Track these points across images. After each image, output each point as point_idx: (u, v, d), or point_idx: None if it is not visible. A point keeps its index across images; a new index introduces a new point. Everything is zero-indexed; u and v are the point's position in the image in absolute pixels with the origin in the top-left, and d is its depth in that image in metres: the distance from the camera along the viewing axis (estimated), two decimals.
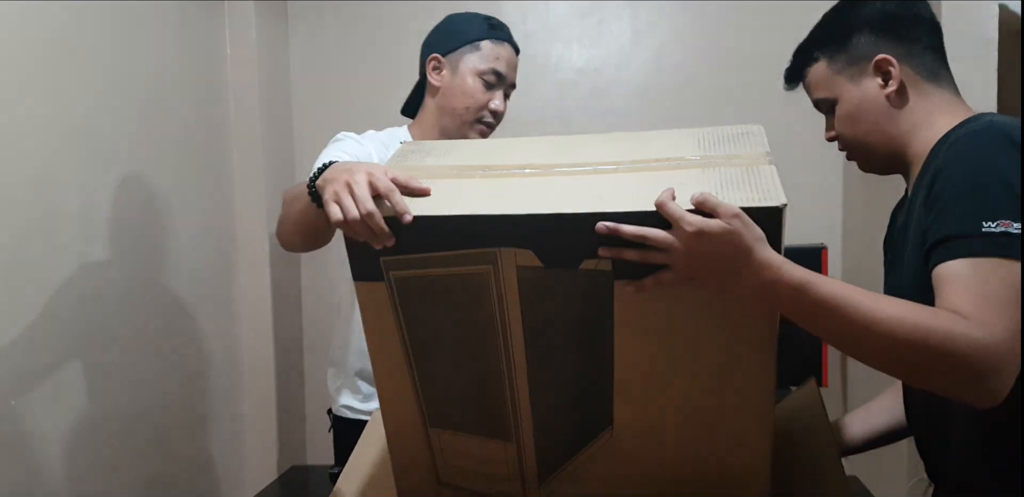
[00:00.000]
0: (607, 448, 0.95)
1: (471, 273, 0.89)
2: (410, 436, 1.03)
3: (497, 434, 0.98)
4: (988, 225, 0.83)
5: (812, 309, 0.82)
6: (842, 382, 2.36)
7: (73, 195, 1.64)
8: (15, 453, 1.45)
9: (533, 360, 0.93)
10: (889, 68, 1.00)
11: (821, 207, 2.37)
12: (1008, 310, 0.80)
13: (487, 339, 0.93)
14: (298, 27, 2.55)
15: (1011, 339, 0.80)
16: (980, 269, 0.83)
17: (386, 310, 0.94)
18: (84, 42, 1.70)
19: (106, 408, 1.72)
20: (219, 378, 2.25)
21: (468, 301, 0.91)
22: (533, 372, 0.93)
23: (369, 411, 1.43)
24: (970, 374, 0.80)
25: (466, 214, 0.86)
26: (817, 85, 1.07)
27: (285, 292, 2.47)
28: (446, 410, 1.00)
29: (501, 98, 1.44)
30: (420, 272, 0.91)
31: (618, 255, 0.82)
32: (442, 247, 0.88)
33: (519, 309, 0.90)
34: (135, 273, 1.85)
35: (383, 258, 0.91)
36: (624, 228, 0.80)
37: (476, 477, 1.03)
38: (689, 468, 0.95)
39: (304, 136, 2.57)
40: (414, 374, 0.98)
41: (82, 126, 1.68)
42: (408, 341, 0.96)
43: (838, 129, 1.06)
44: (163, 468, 1.95)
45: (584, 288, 0.86)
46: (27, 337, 1.49)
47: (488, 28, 1.44)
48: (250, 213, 2.35)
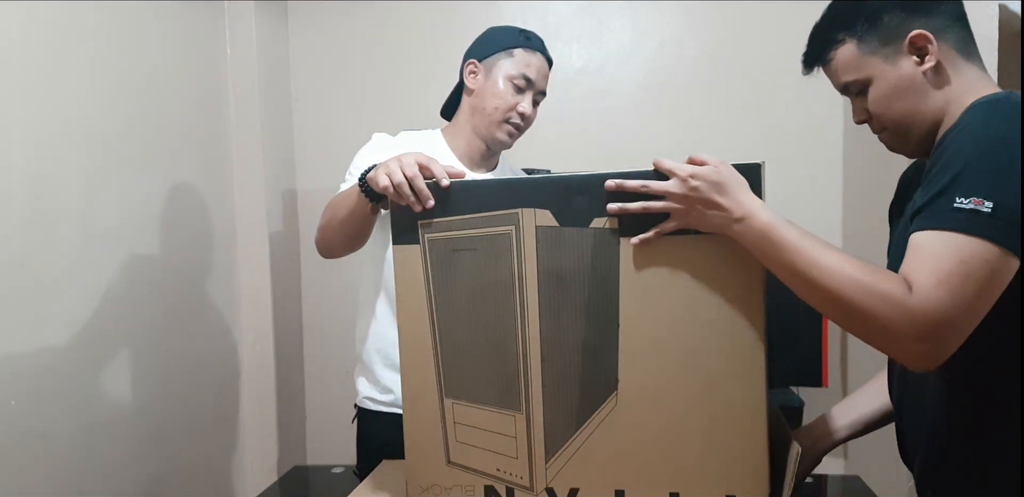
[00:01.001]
0: (612, 418, 1.02)
1: (496, 234, 1.02)
2: (426, 407, 1.09)
3: (508, 405, 1.05)
4: (960, 201, 0.84)
5: (771, 249, 0.92)
6: (842, 382, 2.36)
7: (73, 195, 1.64)
8: (15, 453, 1.45)
9: (545, 320, 1.02)
10: (926, 44, 0.98)
11: (821, 207, 2.37)
12: (954, 283, 0.82)
13: (505, 299, 1.04)
14: (298, 27, 2.55)
15: (947, 310, 0.82)
16: (939, 242, 0.85)
17: (418, 273, 1.07)
18: (84, 42, 1.70)
19: (106, 408, 1.72)
20: (219, 378, 2.25)
21: (490, 260, 1.04)
22: (545, 334, 1.03)
23: (387, 402, 1.48)
24: (894, 336, 0.85)
25: (494, 179, 1.05)
26: (846, 67, 1.03)
27: (285, 292, 2.47)
28: (462, 379, 1.07)
29: (530, 102, 1.53)
30: (451, 234, 1.05)
31: (624, 210, 0.97)
32: (472, 210, 1.03)
33: (535, 267, 1.02)
34: (135, 273, 1.85)
35: (420, 221, 1.05)
36: (628, 182, 0.96)
37: (485, 458, 1.07)
38: (691, 434, 0.99)
39: (304, 136, 2.57)
40: (436, 341, 1.07)
41: (82, 126, 1.68)
42: (434, 304, 1.07)
43: (874, 110, 1.03)
44: (163, 468, 1.95)
45: (594, 244, 1.00)
46: (27, 337, 1.50)
47: (523, 38, 1.55)
48: (250, 213, 2.35)
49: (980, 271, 0.83)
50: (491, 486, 1.07)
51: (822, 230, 2.32)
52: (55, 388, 1.57)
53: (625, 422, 1.01)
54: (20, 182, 1.50)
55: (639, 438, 1.01)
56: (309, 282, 2.59)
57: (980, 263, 0.83)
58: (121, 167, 1.81)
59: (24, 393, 1.48)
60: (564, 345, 1.02)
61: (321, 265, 2.58)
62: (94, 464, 1.67)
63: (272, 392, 2.37)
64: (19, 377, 1.47)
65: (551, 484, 1.04)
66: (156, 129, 1.96)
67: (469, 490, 1.08)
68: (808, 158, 2.33)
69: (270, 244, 2.36)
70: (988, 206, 0.83)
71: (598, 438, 1.02)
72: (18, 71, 1.50)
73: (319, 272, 2.58)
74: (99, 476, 1.69)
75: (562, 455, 1.04)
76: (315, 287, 2.59)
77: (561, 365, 1.03)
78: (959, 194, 0.84)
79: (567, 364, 1.02)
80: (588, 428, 1.03)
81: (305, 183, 2.57)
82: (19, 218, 1.49)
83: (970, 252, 0.83)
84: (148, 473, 1.88)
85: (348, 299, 2.57)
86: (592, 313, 1.01)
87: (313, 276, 2.59)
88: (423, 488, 1.10)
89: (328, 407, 2.57)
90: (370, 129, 1.65)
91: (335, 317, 2.57)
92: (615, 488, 1.03)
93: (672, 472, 1.00)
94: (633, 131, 2.41)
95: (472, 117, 1.55)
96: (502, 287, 1.03)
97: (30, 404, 1.49)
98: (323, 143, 2.56)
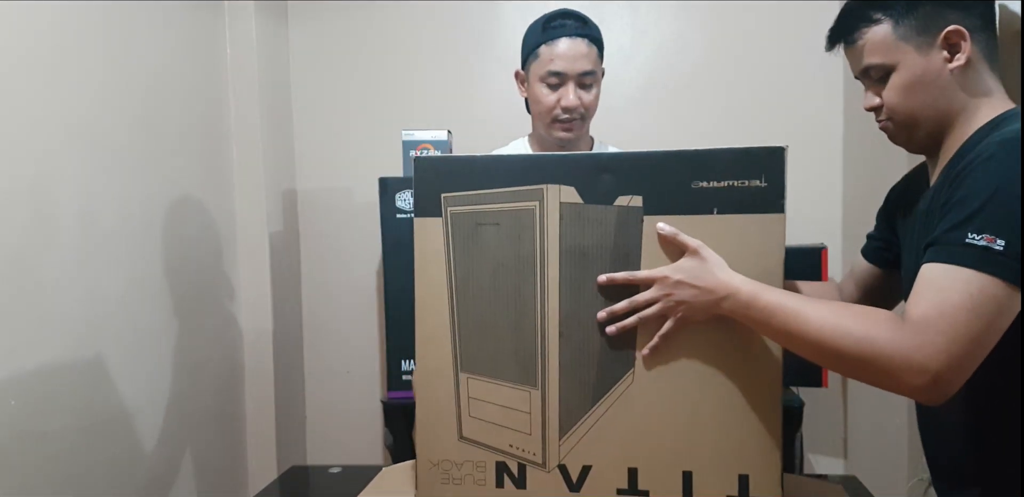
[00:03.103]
0: (628, 395, 1.02)
1: (520, 209, 1.03)
2: (440, 381, 1.08)
3: (524, 380, 1.05)
4: (972, 237, 0.84)
5: (761, 318, 0.93)
6: (842, 382, 2.36)
7: (73, 195, 1.64)
8: (15, 453, 1.45)
9: (565, 296, 1.03)
10: (960, 41, 0.96)
11: (821, 207, 2.38)
12: (957, 318, 0.82)
13: (525, 275, 1.04)
14: (298, 27, 2.55)
15: (947, 343, 0.82)
16: (946, 276, 0.85)
17: (439, 246, 1.06)
18: (84, 42, 1.70)
19: (106, 408, 1.72)
20: (219, 378, 2.25)
21: (513, 235, 1.04)
22: (564, 310, 1.03)
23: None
24: (887, 372, 0.85)
25: (519, 154, 1.05)
26: (874, 49, 1.00)
27: (285, 292, 2.47)
28: (478, 353, 1.07)
29: (572, 92, 1.49)
30: (475, 207, 1.05)
31: (622, 327, 1.00)
32: (497, 184, 1.03)
33: (558, 243, 1.02)
34: (135, 273, 1.85)
35: (444, 195, 1.05)
36: (617, 276, 1.00)
37: (497, 434, 1.07)
38: (705, 413, 1.00)
39: (304, 136, 2.57)
40: (454, 314, 1.07)
41: (82, 126, 1.68)
42: (454, 278, 1.07)
43: (889, 99, 1.01)
44: (163, 468, 1.95)
45: (617, 222, 1.00)
46: (27, 337, 1.50)
47: (542, 31, 1.50)
48: (250, 213, 2.35)
49: (986, 306, 0.83)
50: (503, 462, 1.07)
51: (822, 230, 2.35)
52: (55, 388, 1.56)
53: (641, 400, 1.01)
54: (20, 182, 1.49)
55: (654, 416, 1.01)
56: (309, 282, 2.59)
57: (987, 299, 0.83)
58: (121, 167, 1.81)
59: (24, 393, 1.48)
60: (583, 322, 1.02)
61: (321, 265, 2.59)
62: (94, 464, 1.67)
63: (272, 392, 2.37)
64: (19, 377, 1.47)
65: (564, 461, 1.04)
66: (156, 129, 1.96)
67: (480, 466, 1.07)
68: (808, 158, 2.32)
69: (270, 244, 2.36)
70: (1000, 244, 0.83)
71: (613, 415, 1.02)
72: (18, 71, 1.50)
73: (319, 272, 2.58)
74: (99, 476, 1.69)
75: (576, 432, 1.04)
76: (315, 287, 2.59)
77: (579, 341, 1.03)
78: (972, 230, 0.84)
79: (585, 341, 1.02)
80: (603, 405, 1.03)
81: (305, 183, 2.57)
82: (19, 218, 1.49)
83: (978, 287, 0.83)
84: (148, 473, 1.88)
85: (348, 299, 2.58)
86: (612, 290, 1.01)
87: (313, 276, 2.59)
88: (433, 463, 1.09)
89: (328, 407, 2.57)
90: (370, 129, 1.66)
91: (335, 317, 2.57)
92: (628, 466, 1.02)
93: (686, 451, 1.00)
94: (633, 131, 2.41)
95: (534, 123, 1.61)
96: (524, 262, 1.04)
97: (30, 404, 1.49)
98: (323, 143, 2.56)
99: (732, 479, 0.99)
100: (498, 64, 2.43)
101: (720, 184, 0.98)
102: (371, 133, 2.49)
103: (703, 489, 1.00)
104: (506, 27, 2.45)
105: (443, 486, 1.08)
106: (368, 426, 2.53)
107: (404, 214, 2.02)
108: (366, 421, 2.53)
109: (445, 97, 2.46)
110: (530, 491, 1.05)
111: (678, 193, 0.99)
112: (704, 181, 0.98)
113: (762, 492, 0.98)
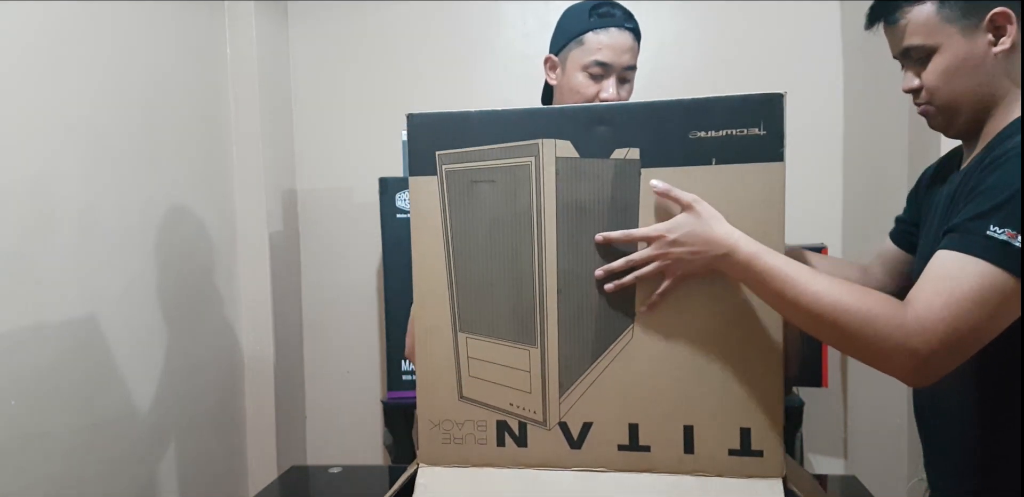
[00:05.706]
0: (628, 351, 1.01)
1: (515, 165, 1.01)
2: (439, 342, 1.07)
3: (523, 339, 1.04)
4: (994, 230, 0.83)
5: (758, 279, 0.91)
6: (842, 382, 2.36)
7: (73, 195, 1.64)
8: (15, 453, 1.45)
9: (563, 252, 1.01)
10: (1006, 24, 0.93)
11: (821, 207, 2.37)
12: (962, 308, 0.82)
13: (523, 231, 1.02)
14: (298, 27, 2.55)
15: (944, 332, 0.82)
16: (959, 265, 0.84)
17: (434, 205, 1.04)
18: (84, 42, 1.70)
19: (106, 408, 1.72)
20: (219, 378, 2.25)
21: (509, 192, 1.02)
22: (563, 266, 1.01)
23: None
24: (879, 351, 0.85)
25: (513, 109, 1.02)
26: (917, 29, 0.97)
27: (285, 291, 2.47)
28: (477, 312, 1.05)
29: (613, 85, 1.40)
30: (470, 165, 1.03)
31: (620, 285, 0.98)
32: (492, 140, 1.02)
33: (555, 198, 1.00)
34: (135, 273, 1.85)
35: (439, 152, 1.04)
36: (613, 234, 0.97)
37: (498, 393, 1.06)
38: (706, 367, 0.99)
39: (304, 136, 2.57)
40: (451, 274, 1.05)
41: (82, 126, 1.68)
42: (451, 237, 1.05)
43: (929, 82, 0.98)
44: (163, 468, 1.95)
45: (615, 175, 0.99)
46: (27, 337, 1.50)
47: (589, 19, 1.41)
48: (250, 213, 2.35)
49: (993, 300, 0.82)
50: (503, 421, 1.06)
51: (822, 230, 2.35)
52: (55, 388, 1.57)
53: (641, 355, 1.00)
54: (20, 182, 1.50)
55: (654, 371, 1.00)
56: (309, 282, 2.59)
57: (995, 293, 0.82)
58: (121, 167, 1.81)
59: (24, 393, 1.48)
60: (581, 278, 1.01)
61: (321, 265, 2.59)
62: (94, 464, 1.67)
63: (272, 392, 2.37)
64: (19, 377, 1.47)
65: (564, 418, 1.03)
66: (156, 129, 1.96)
67: (481, 425, 1.06)
68: (808, 158, 2.32)
69: (270, 244, 2.36)
70: (1020, 240, 0.82)
71: (613, 372, 1.01)
72: (18, 71, 1.50)
73: (319, 272, 2.59)
74: (99, 476, 1.69)
75: (576, 389, 1.03)
76: (315, 287, 2.59)
77: (578, 297, 1.01)
78: (995, 223, 0.84)
79: (584, 296, 1.01)
80: (603, 361, 1.02)
81: (305, 183, 2.57)
82: (19, 218, 1.49)
83: (990, 281, 0.82)
84: (148, 473, 1.88)
85: (348, 299, 2.58)
86: (611, 246, 1.00)
87: (313, 276, 2.59)
88: (434, 423, 1.08)
89: (328, 407, 2.57)
90: (370, 129, 1.65)
91: (335, 317, 2.57)
92: (629, 421, 1.01)
93: (687, 405, 1.00)
94: None
95: None
96: (520, 219, 1.02)
97: (30, 404, 1.49)
98: (323, 143, 2.56)
99: (734, 432, 0.98)
100: (498, 64, 2.43)
101: (718, 133, 0.95)
102: (371, 133, 2.49)
103: (704, 443, 0.99)
104: (506, 27, 2.45)
105: (444, 446, 1.07)
106: (368, 426, 2.53)
107: (404, 214, 2.01)
108: (366, 421, 2.53)
109: (445, 97, 2.46)
110: (531, 449, 1.04)
111: (675, 144, 0.97)
112: (702, 131, 0.96)
113: (764, 445, 0.97)
